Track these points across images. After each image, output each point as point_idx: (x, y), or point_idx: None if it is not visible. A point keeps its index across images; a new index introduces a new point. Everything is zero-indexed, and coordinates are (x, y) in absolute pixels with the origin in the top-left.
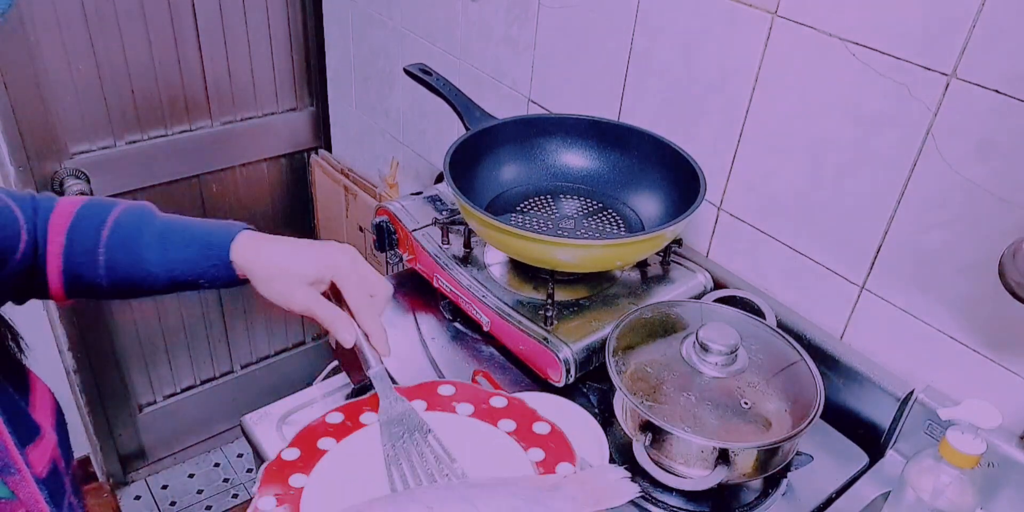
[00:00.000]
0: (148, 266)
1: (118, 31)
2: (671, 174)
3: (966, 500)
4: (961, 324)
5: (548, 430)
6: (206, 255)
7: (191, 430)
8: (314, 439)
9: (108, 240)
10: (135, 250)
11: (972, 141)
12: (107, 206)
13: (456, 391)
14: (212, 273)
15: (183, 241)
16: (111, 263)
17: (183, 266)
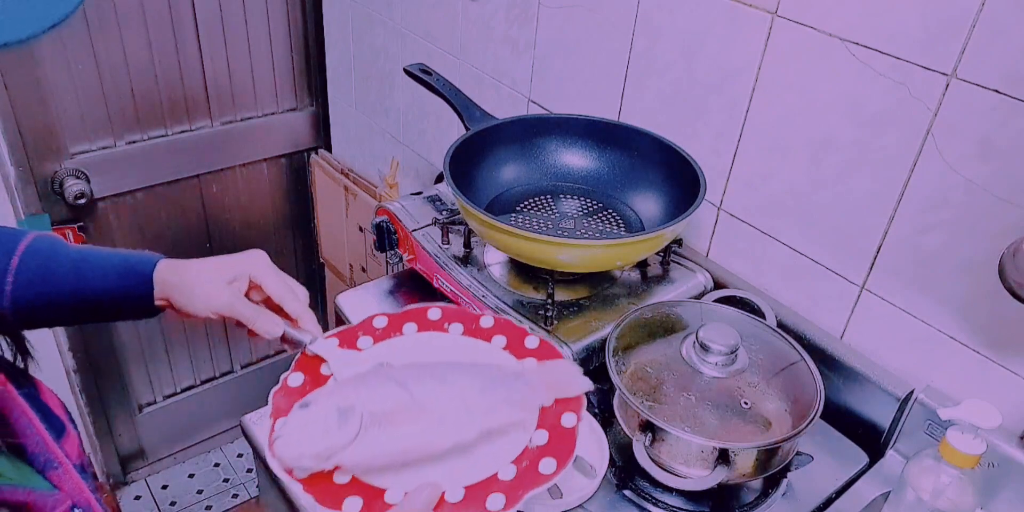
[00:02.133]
0: (61, 293)
1: (118, 31)
2: (671, 174)
3: (966, 500)
4: (961, 324)
5: (537, 344)
6: (125, 275)
7: (191, 430)
8: (316, 365)
9: (17, 271)
10: (48, 278)
11: (972, 141)
12: (13, 236)
13: (443, 314)
14: (130, 295)
15: (101, 266)
16: (18, 291)
17: (99, 289)
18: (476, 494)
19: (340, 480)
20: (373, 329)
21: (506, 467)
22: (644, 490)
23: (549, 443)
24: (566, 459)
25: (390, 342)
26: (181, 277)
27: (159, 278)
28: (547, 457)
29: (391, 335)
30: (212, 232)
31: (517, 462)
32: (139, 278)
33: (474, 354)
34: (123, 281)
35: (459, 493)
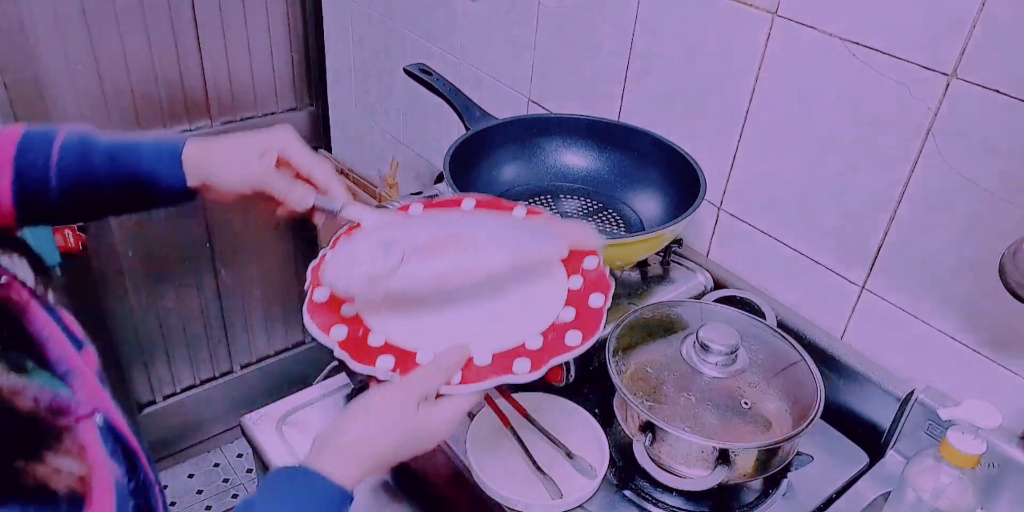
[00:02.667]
0: (99, 181)
1: (118, 31)
2: (671, 174)
3: (966, 500)
4: (961, 324)
5: (595, 266)
6: (158, 159)
7: (191, 430)
8: None
9: (58, 165)
10: (86, 167)
11: (972, 141)
12: (48, 133)
13: (477, 204)
14: (163, 177)
15: (133, 151)
16: (62, 183)
17: (136, 174)
18: (503, 359)
19: (374, 342)
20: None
21: (533, 337)
22: (644, 490)
23: (576, 319)
24: (592, 334)
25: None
26: (212, 154)
27: (190, 158)
28: (573, 330)
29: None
30: (212, 232)
31: (544, 334)
32: (171, 160)
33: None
34: (156, 164)
35: (487, 358)
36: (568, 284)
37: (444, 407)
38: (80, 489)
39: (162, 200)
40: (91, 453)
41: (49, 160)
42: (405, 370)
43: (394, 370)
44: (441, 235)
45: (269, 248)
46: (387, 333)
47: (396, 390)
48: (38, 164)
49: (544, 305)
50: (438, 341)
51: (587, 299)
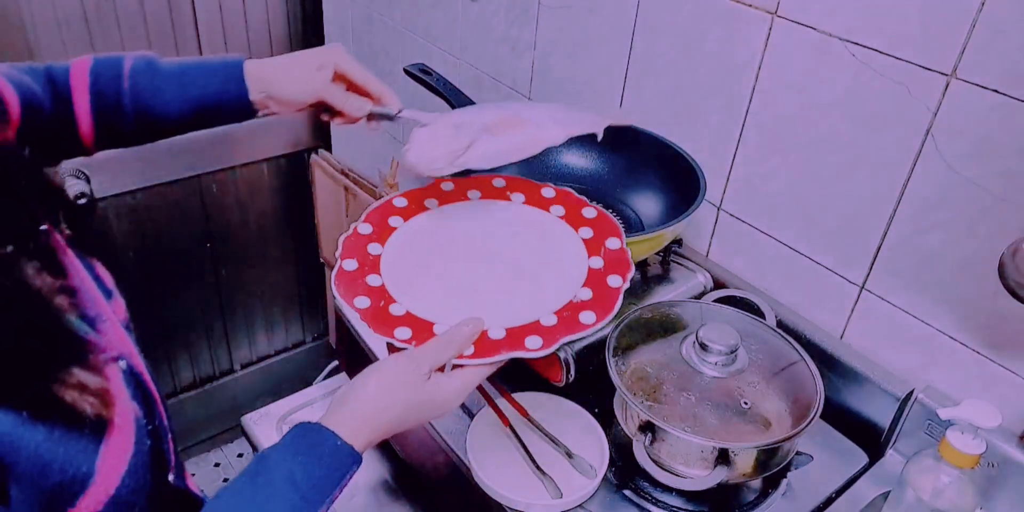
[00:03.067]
0: (170, 103)
1: (118, 31)
2: (671, 174)
3: (966, 500)
4: (961, 324)
5: (595, 214)
6: (224, 79)
7: (191, 430)
8: (384, 217)
9: (130, 89)
10: (157, 92)
11: (972, 141)
12: (116, 59)
13: (507, 183)
14: (229, 96)
15: (198, 73)
16: (136, 107)
17: (204, 95)
18: (516, 334)
19: (395, 312)
20: (441, 192)
21: (548, 315)
22: (644, 490)
23: (593, 299)
24: (606, 314)
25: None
26: (273, 69)
27: (252, 74)
28: (588, 310)
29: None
30: (212, 232)
31: (559, 312)
32: (234, 76)
33: (539, 226)
34: (221, 84)
35: (500, 332)
36: (589, 263)
37: (455, 378)
38: (106, 415)
39: (225, 116)
40: (115, 389)
41: (121, 83)
42: (421, 341)
43: (410, 341)
44: (505, 116)
45: (269, 248)
46: (409, 304)
47: (408, 359)
48: (112, 87)
49: (563, 284)
50: (457, 314)
51: (606, 279)
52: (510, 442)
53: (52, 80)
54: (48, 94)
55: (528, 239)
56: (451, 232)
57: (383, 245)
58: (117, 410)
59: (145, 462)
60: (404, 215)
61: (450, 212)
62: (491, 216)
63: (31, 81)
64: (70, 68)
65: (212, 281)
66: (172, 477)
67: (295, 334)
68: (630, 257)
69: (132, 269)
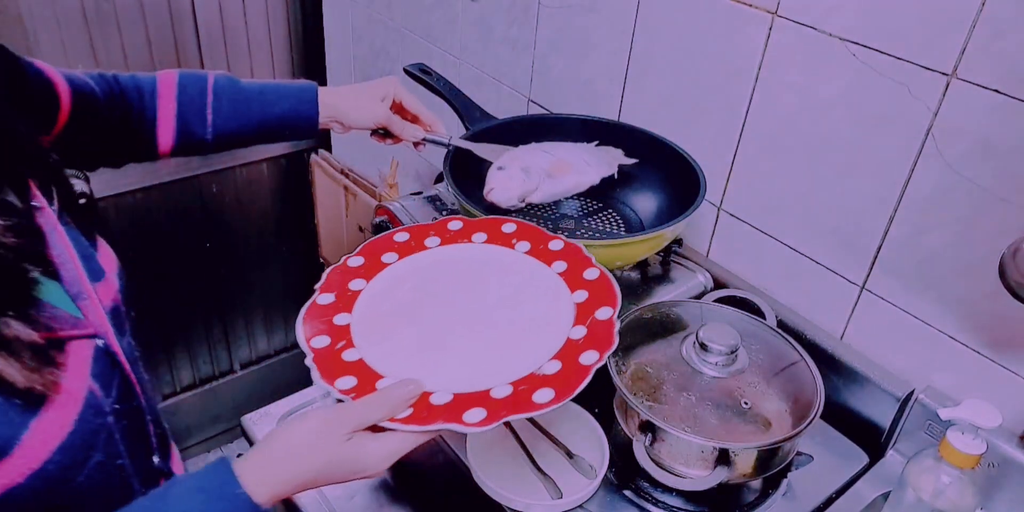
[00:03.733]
0: (248, 119)
1: (118, 31)
2: (671, 174)
3: (966, 500)
4: (961, 324)
5: (597, 276)
6: (299, 103)
7: (191, 430)
8: (379, 252)
9: (214, 103)
10: (239, 109)
11: (972, 141)
12: (201, 75)
13: (517, 228)
14: (301, 118)
15: (277, 95)
16: (218, 122)
17: (279, 115)
18: (461, 402)
19: (348, 357)
20: (447, 231)
21: (503, 386)
22: (644, 490)
23: (557, 374)
24: (565, 395)
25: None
26: (342, 99)
27: (324, 101)
28: (547, 388)
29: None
30: (212, 232)
31: (517, 384)
32: (308, 103)
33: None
34: (295, 106)
35: (446, 397)
36: (570, 333)
37: (381, 442)
38: (42, 388)
39: (292, 134)
40: (72, 366)
41: (205, 98)
42: (361, 394)
43: (351, 392)
44: (556, 161)
45: (269, 248)
46: (366, 351)
47: (334, 415)
48: (197, 101)
49: (534, 352)
50: (412, 370)
51: (580, 355)
52: (510, 442)
53: (139, 87)
54: (131, 100)
55: (518, 296)
56: (441, 278)
57: (368, 282)
58: (65, 386)
59: (89, 441)
60: (401, 252)
61: (448, 256)
62: (488, 266)
63: (94, 84)
64: (157, 79)
65: (212, 281)
66: (156, 459)
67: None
68: (616, 331)
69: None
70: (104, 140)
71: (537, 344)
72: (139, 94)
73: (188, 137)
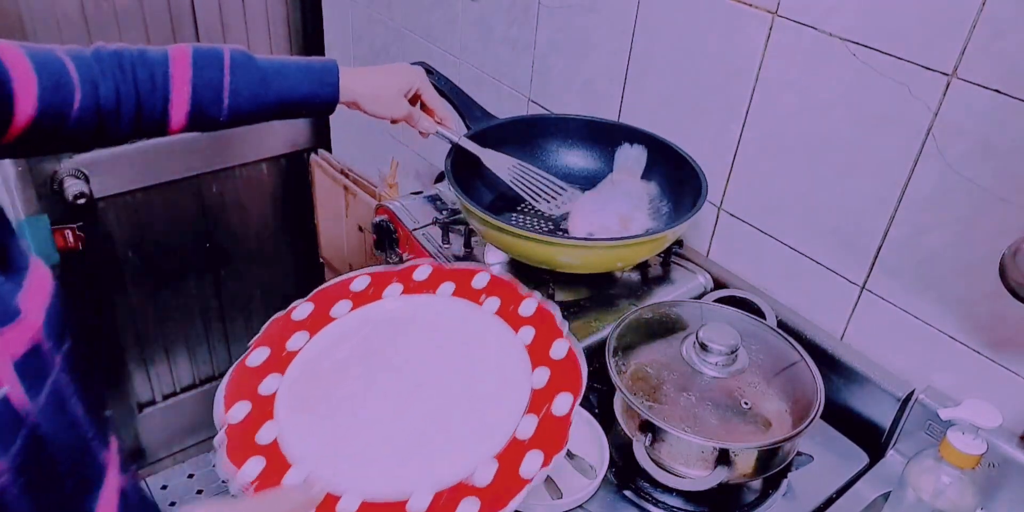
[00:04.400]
0: (265, 98)
1: (118, 31)
2: (671, 174)
3: (966, 500)
4: (961, 324)
5: (565, 353)
6: (318, 84)
7: (191, 430)
8: (331, 301)
9: (231, 82)
10: (255, 90)
11: (972, 141)
12: (216, 51)
13: (490, 282)
14: (320, 99)
15: (295, 75)
16: (233, 102)
17: (298, 97)
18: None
19: (262, 438)
20: (411, 279)
21: (423, 494)
22: (644, 490)
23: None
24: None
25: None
26: (366, 87)
27: (345, 86)
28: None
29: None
30: (212, 232)
31: (440, 494)
32: (329, 87)
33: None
34: (316, 88)
35: (353, 503)
36: (518, 426)
37: None
38: None
39: (309, 113)
40: None
41: (222, 78)
42: (263, 486)
43: (252, 483)
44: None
45: (269, 248)
46: (285, 427)
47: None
48: (213, 82)
49: (474, 451)
50: (326, 457)
51: (521, 459)
52: None
53: (150, 71)
54: (143, 81)
55: (471, 369)
56: (389, 339)
57: (311, 336)
58: None
59: None
60: (356, 301)
61: (406, 310)
62: (446, 328)
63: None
64: (170, 58)
65: (212, 281)
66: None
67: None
68: (568, 433)
69: (132, 269)
70: (83, 143)
71: (478, 438)
72: (150, 78)
73: (201, 117)
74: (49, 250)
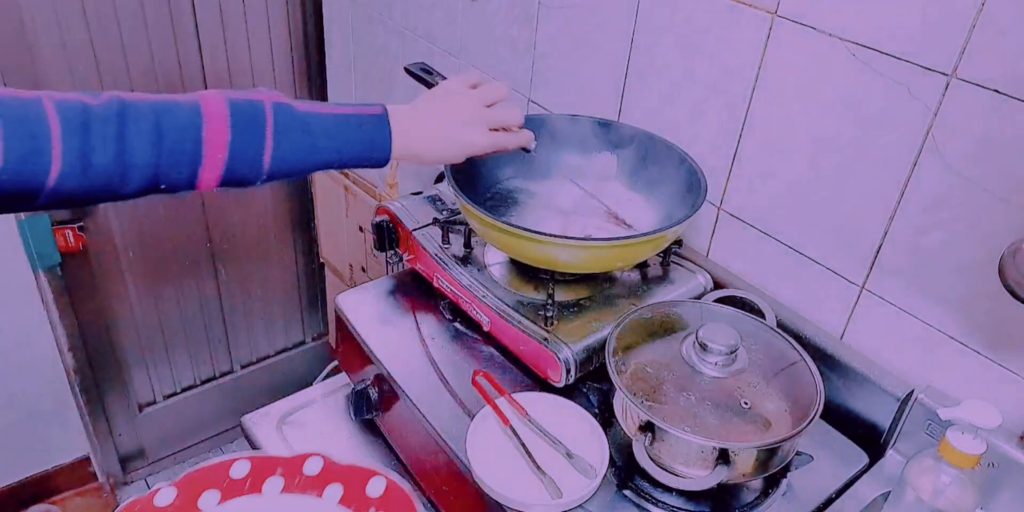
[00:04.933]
0: (308, 166)
1: (118, 31)
2: (671, 174)
3: (966, 500)
4: (961, 324)
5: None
6: (367, 149)
7: (191, 430)
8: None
9: (273, 151)
10: (302, 156)
11: (972, 141)
12: (257, 112)
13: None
14: (369, 162)
15: (342, 137)
16: (275, 167)
17: (346, 159)
18: None
19: None
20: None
21: None
22: (644, 490)
23: None
24: None
25: None
26: (420, 144)
27: (398, 145)
28: None
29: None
30: (212, 232)
31: None
32: (380, 152)
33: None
34: (364, 153)
35: None
36: None
37: None
38: None
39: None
40: None
41: (263, 144)
42: None
43: None
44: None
45: (269, 248)
46: None
47: None
48: (252, 149)
49: None
50: None
51: None
52: (510, 442)
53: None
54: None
55: None
56: None
57: None
58: None
59: None
60: (226, 493)
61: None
62: None
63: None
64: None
65: (212, 281)
66: None
67: (295, 334)
68: None
69: (132, 269)
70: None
71: None
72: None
73: (233, 182)
74: (49, 250)
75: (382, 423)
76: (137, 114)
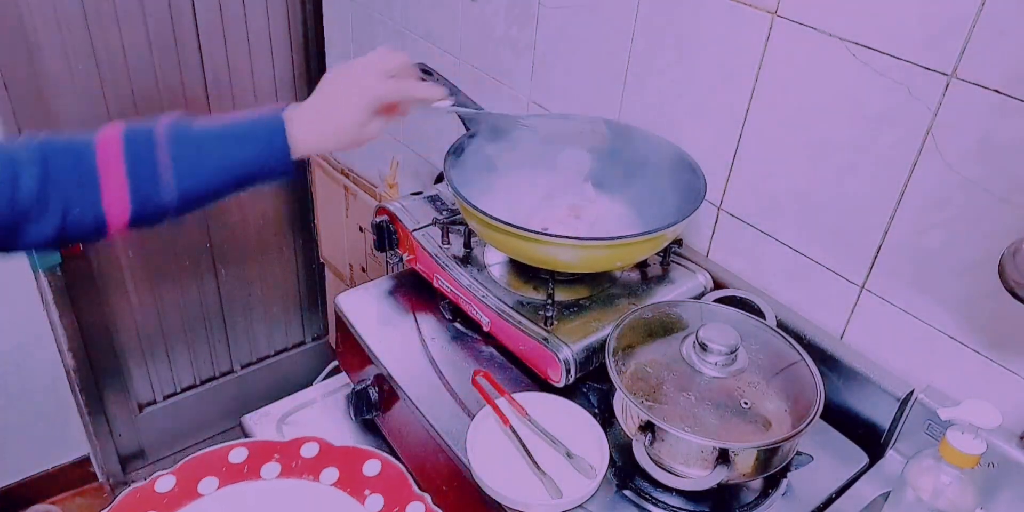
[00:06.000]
0: (212, 178)
1: (118, 31)
2: (671, 174)
3: (966, 500)
4: (961, 324)
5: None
6: (265, 149)
7: (191, 430)
8: (198, 475)
9: (173, 164)
10: (201, 165)
11: (972, 141)
12: (148, 136)
13: (380, 472)
14: (272, 163)
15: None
16: (181, 185)
17: (244, 166)
18: None
19: None
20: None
21: None
22: (644, 490)
23: None
24: None
25: None
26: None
27: (297, 145)
28: None
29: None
30: (212, 232)
31: None
32: (279, 152)
33: None
34: (264, 162)
35: None
36: None
37: None
38: None
39: (272, 177)
40: None
41: (157, 165)
42: None
43: None
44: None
45: (269, 248)
46: None
47: None
48: (148, 171)
49: None
50: None
51: None
52: (510, 442)
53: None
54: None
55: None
56: None
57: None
58: None
59: None
60: (224, 478)
61: (276, 496)
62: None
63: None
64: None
65: (212, 281)
66: None
67: (295, 334)
68: None
69: (132, 269)
70: None
71: None
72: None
73: (149, 210)
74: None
75: (382, 423)
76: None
